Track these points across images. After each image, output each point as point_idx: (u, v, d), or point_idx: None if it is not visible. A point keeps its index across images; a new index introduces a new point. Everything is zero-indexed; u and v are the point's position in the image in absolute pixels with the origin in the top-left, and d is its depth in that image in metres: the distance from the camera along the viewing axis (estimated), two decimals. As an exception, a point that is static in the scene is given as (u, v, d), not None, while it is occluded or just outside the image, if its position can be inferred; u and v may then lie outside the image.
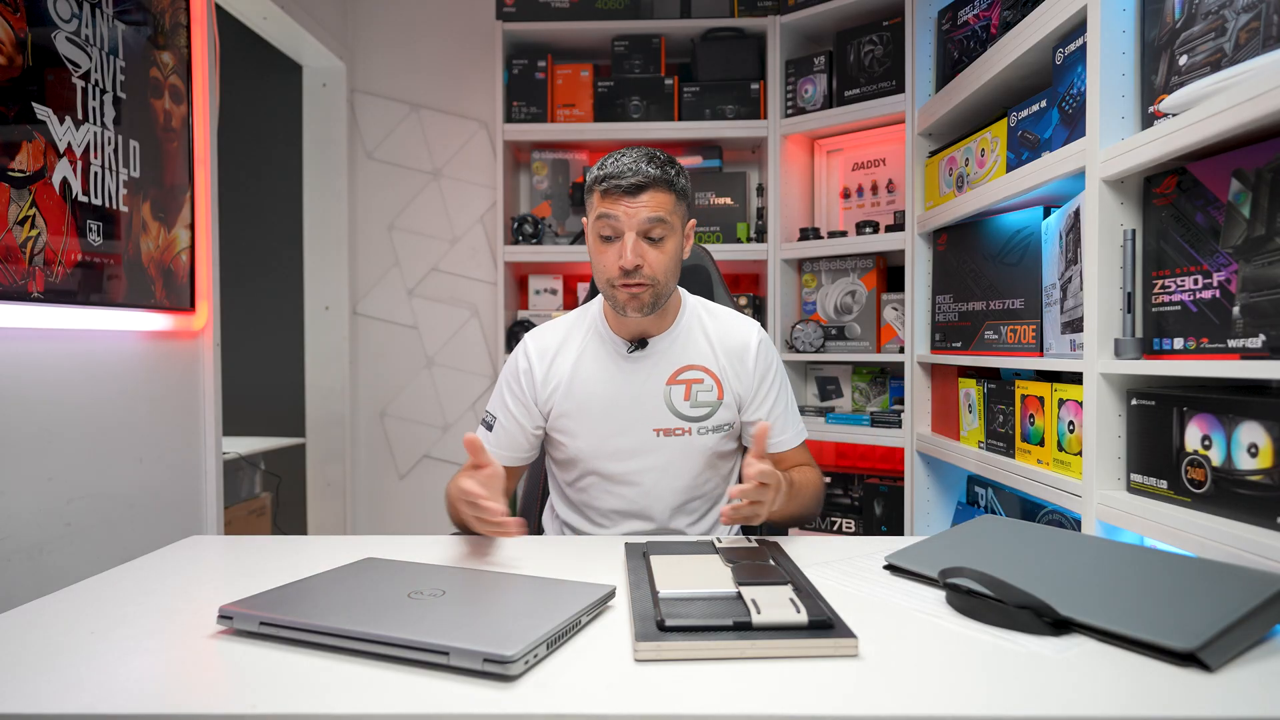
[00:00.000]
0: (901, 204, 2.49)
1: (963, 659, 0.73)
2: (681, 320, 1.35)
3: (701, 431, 1.31)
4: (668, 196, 1.23)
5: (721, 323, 1.38)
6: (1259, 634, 0.72)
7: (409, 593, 0.83)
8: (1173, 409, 1.16)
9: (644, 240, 1.23)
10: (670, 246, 1.25)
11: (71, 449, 1.55)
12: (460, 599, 0.83)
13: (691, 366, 1.32)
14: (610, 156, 1.25)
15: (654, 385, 1.31)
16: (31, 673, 0.70)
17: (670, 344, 1.33)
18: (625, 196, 1.21)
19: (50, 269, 1.44)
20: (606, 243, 1.25)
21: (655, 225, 1.22)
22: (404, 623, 0.75)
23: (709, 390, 1.31)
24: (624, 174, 1.21)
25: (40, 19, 1.43)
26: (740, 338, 1.35)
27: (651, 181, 1.21)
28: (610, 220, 1.22)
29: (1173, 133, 1.10)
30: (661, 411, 1.30)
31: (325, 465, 2.98)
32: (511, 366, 1.37)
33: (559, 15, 2.75)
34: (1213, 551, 1.01)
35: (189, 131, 1.91)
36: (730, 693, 0.66)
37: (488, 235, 3.01)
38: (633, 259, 1.21)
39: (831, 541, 1.16)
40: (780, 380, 1.37)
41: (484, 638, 0.70)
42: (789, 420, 1.37)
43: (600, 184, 1.23)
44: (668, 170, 1.24)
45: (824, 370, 2.72)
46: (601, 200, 1.23)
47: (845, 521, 2.61)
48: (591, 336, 1.35)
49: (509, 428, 1.34)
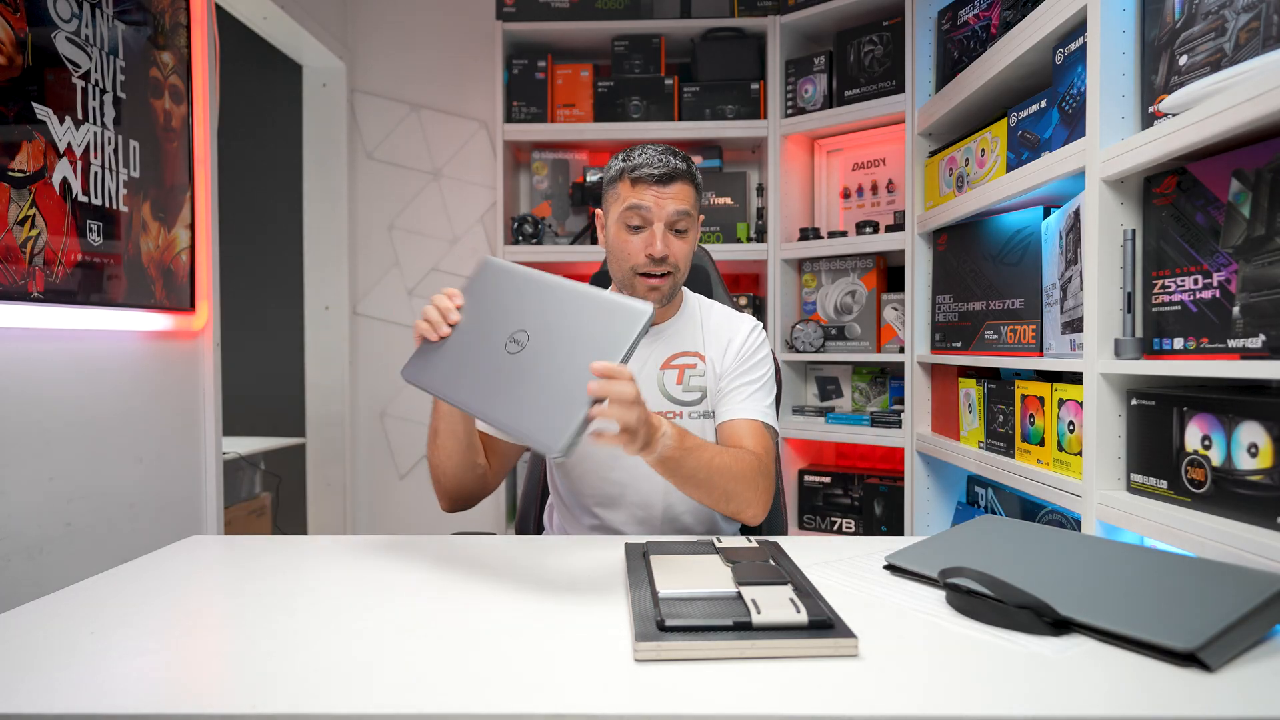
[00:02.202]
0: (901, 204, 2.49)
1: (963, 659, 0.73)
2: (683, 312, 1.39)
3: (693, 416, 1.33)
4: (691, 190, 1.29)
5: (719, 314, 1.41)
6: (1259, 634, 0.72)
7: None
8: (1173, 409, 1.16)
9: (671, 232, 1.27)
10: (692, 238, 1.30)
11: (71, 449, 1.55)
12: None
13: (685, 353, 1.35)
14: (635, 149, 1.29)
15: (649, 370, 1.34)
16: (31, 673, 0.70)
17: (669, 332, 1.37)
18: (655, 186, 1.25)
19: (50, 269, 1.44)
20: (634, 231, 1.28)
21: (681, 218, 1.27)
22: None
23: (701, 374, 1.34)
24: (654, 164, 1.25)
25: (40, 19, 1.43)
26: (734, 325, 1.38)
27: (679, 174, 1.26)
28: (640, 210, 1.26)
29: (1173, 133, 1.10)
30: (655, 395, 1.33)
31: (325, 465, 2.98)
32: None
33: (559, 15, 2.75)
34: (1213, 551, 1.01)
35: (189, 131, 1.91)
36: (730, 693, 0.66)
37: (488, 235, 3.01)
38: (663, 248, 1.25)
39: (831, 541, 1.16)
40: (763, 367, 1.35)
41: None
42: (753, 398, 1.31)
43: (630, 173, 1.27)
44: (690, 165, 1.29)
45: (824, 370, 2.72)
46: (631, 189, 1.27)
47: (845, 521, 2.61)
48: None
49: None
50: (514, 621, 0.83)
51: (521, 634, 0.79)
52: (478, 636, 0.78)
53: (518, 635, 0.79)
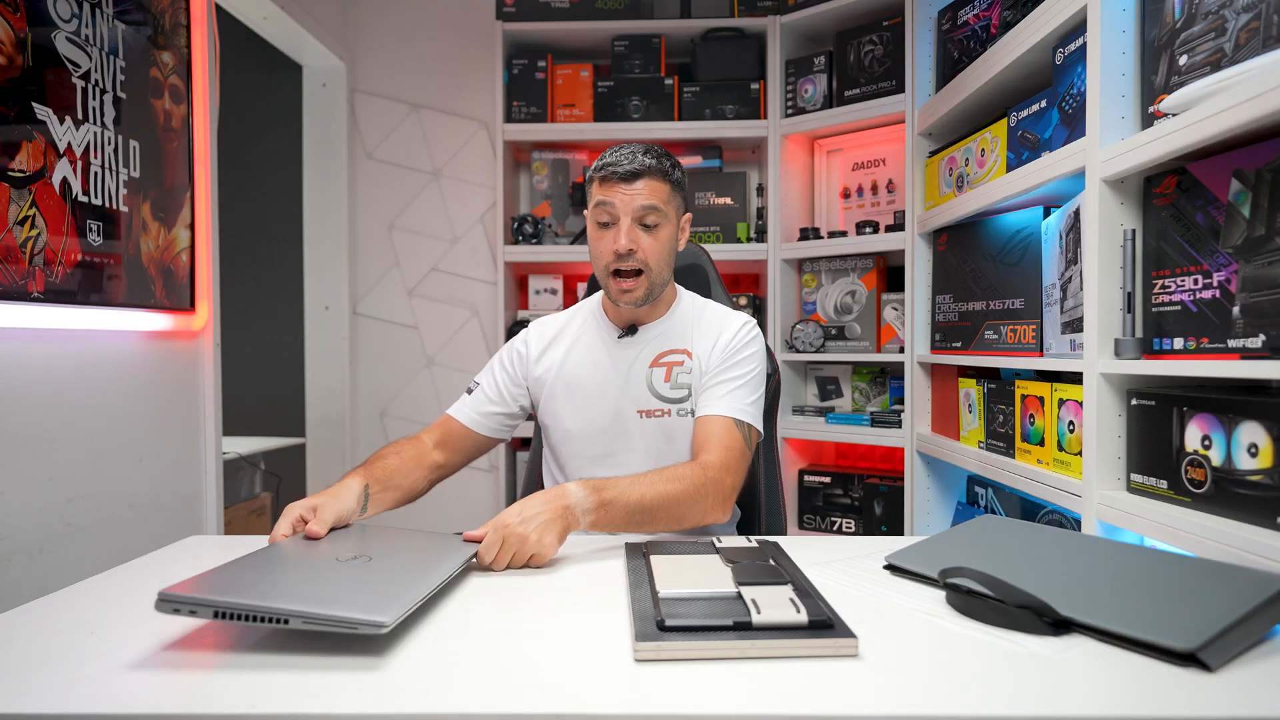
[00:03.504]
0: (901, 204, 2.49)
1: (963, 659, 0.73)
2: (675, 311, 1.39)
3: (681, 414, 1.32)
4: (662, 186, 1.28)
5: (712, 312, 1.39)
6: (1259, 634, 0.72)
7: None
8: (1173, 409, 1.16)
9: (639, 226, 1.27)
10: (664, 235, 1.29)
11: (71, 449, 1.55)
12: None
13: (674, 350, 1.35)
14: (609, 150, 1.30)
15: (639, 368, 1.34)
16: (31, 673, 0.70)
17: (659, 331, 1.37)
18: (621, 183, 1.26)
19: (50, 269, 1.44)
20: (604, 229, 1.29)
21: (649, 212, 1.27)
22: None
23: (688, 371, 1.33)
24: (620, 162, 1.26)
25: (40, 19, 1.43)
26: (724, 321, 1.35)
27: (647, 170, 1.26)
28: (607, 206, 1.27)
29: (1173, 133, 1.10)
30: (643, 393, 1.33)
31: (325, 465, 2.98)
32: (509, 346, 1.42)
33: (559, 15, 2.75)
34: (1213, 551, 1.01)
35: (189, 131, 1.91)
36: (730, 693, 0.66)
37: (488, 235, 3.01)
38: (626, 242, 1.25)
39: (831, 541, 1.16)
40: (748, 364, 1.31)
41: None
42: (731, 395, 1.28)
43: (599, 172, 1.28)
44: (663, 161, 1.29)
45: (824, 370, 2.72)
46: (600, 188, 1.28)
47: (845, 521, 2.61)
48: (588, 324, 1.41)
49: (489, 394, 1.38)
50: (514, 621, 0.83)
51: (521, 634, 0.79)
52: (477, 636, 0.78)
53: (518, 635, 0.79)
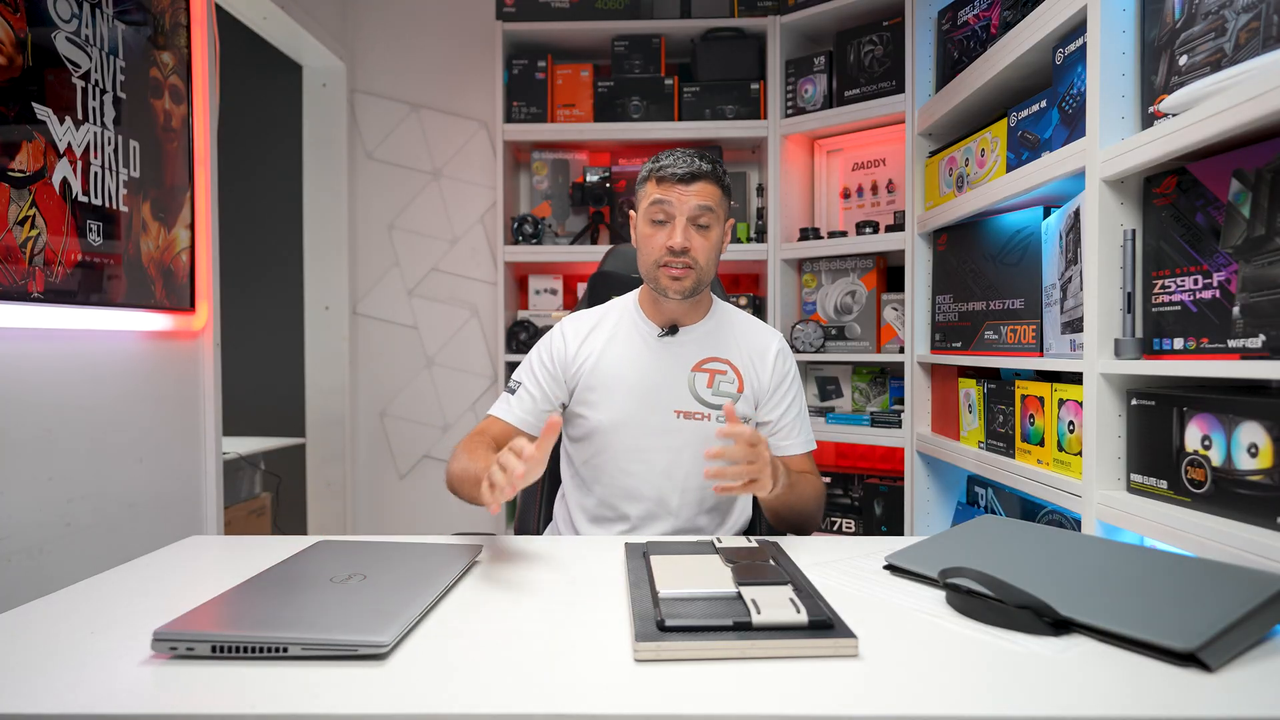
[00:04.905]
0: (901, 204, 2.49)
1: (963, 659, 0.73)
2: (712, 316, 1.44)
3: (720, 420, 1.35)
4: (715, 190, 1.34)
5: (747, 324, 1.47)
6: (1259, 634, 0.72)
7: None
8: (1173, 409, 1.16)
9: (693, 226, 1.33)
10: (714, 236, 1.35)
11: (71, 449, 1.55)
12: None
13: (716, 358, 1.40)
14: (664, 153, 1.36)
15: (680, 369, 1.38)
16: (31, 673, 0.70)
17: (699, 334, 1.41)
18: (679, 184, 1.32)
19: (50, 269, 1.44)
20: (657, 226, 1.34)
21: (704, 213, 1.32)
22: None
23: (731, 382, 1.39)
24: (678, 165, 1.32)
25: (40, 19, 1.43)
26: (763, 340, 1.44)
27: (703, 174, 1.32)
28: (664, 205, 1.32)
29: (1173, 133, 1.10)
30: (684, 395, 1.36)
31: (325, 465, 2.98)
32: (545, 342, 1.45)
33: (559, 15, 2.75)
34: (1213, 551, 1.01)
35: (189, 131, 1.91)
36: (730, 693, 0.66)
37: (488, 235, 3.01)
38: (682, 240, 1.30)
39: (831, 541, 1.16)
40: (796, 388, 1.44)
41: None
42: (799, 427, 1.43)
43: (657, 173, 1.34)
44: (717, 168, 1.35)
45: (824, 370, 2.72)
46: (656, 187, 1.34)
47: (845, 521, 2.61)
48: (625, 321, 1.43)
49: (534, 394, 1.40)
50: (514, 621, 0.83)
51: (521, 634, 0.79)
52: (478, 636, 0.78)
53: (518, 635, 0.79)
